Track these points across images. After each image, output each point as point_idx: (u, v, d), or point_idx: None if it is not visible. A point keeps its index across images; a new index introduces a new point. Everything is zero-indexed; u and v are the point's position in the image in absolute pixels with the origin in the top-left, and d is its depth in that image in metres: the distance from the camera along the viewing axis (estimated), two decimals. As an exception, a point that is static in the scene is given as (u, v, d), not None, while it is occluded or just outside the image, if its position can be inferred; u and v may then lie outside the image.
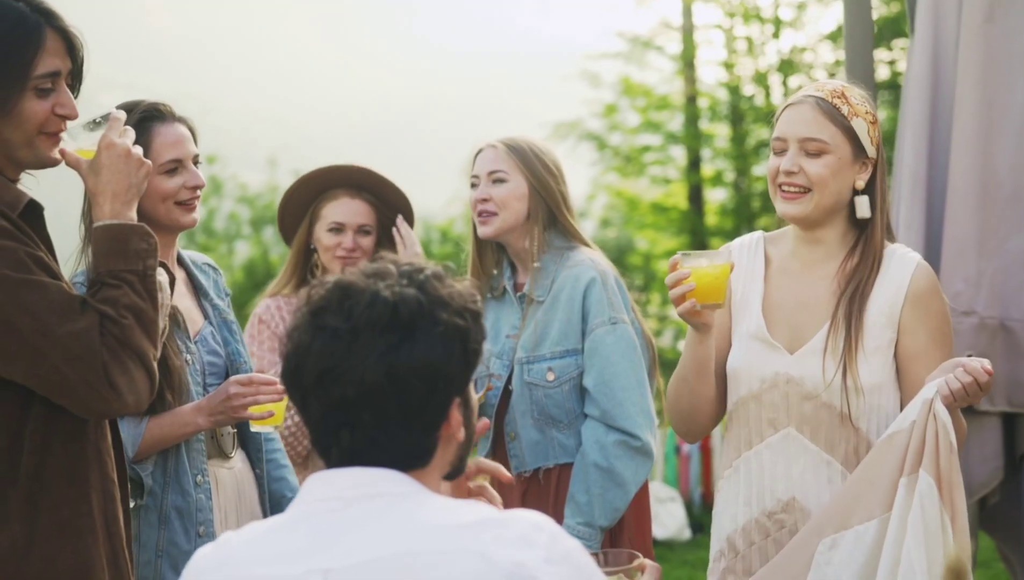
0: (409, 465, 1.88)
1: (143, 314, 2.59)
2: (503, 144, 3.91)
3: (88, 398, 2.50)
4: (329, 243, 4.25)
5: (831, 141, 3.08)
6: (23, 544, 2.52)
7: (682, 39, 16.12)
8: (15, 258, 2.46)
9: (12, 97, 2.54)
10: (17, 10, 2.56)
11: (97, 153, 2.67)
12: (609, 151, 16.45)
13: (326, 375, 1.84)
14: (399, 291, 1.87)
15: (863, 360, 3.09)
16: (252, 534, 1.90)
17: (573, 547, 1.83)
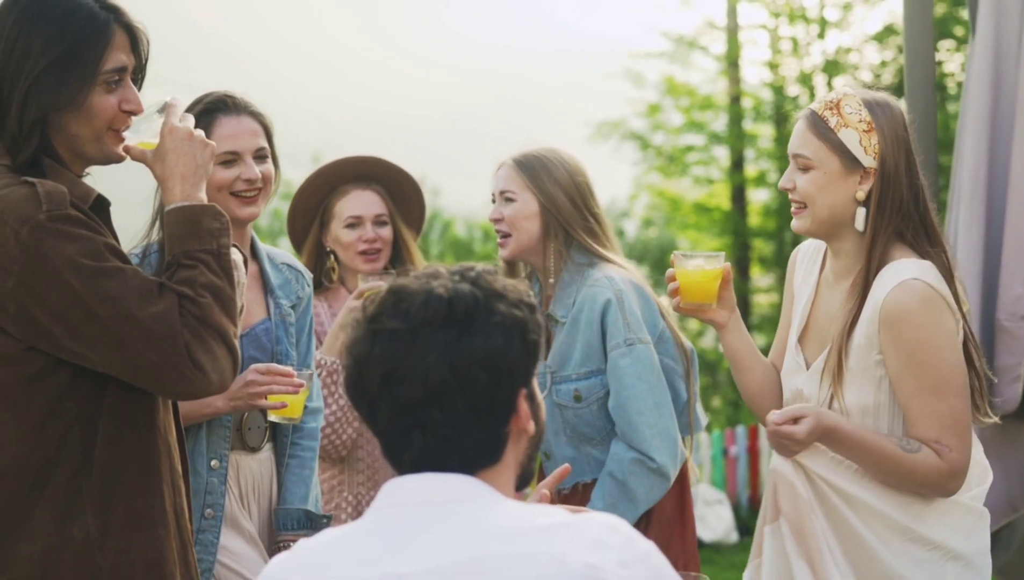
0: (483, 462, 1.88)
1: (221, 292, 2.61)
2: (513, 161, 3.91)
3: (173, 380, 2.53)
4: (349, 239, 4.23)
5: (814, 156, 3.07)
6: (97, 535, 2.55)
7: (726, 39, 16.04)
8: (92, 247, 2.49)
9: (83, 92, 2.59)
10: (87, 6, 2.61)
11: (160, 139, 2.70)
12: (652, 151, 16.39)
13: (389, 377, 1.84)
14: (453, 287, 1.88)
15: (851, 382, 3.07)
16: (328, 538, 1.91)
17: (648, 549, 1.82)
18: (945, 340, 3.01)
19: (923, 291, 3.00)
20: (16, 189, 2.52)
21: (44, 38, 2.58)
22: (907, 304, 2.99)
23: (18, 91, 2.57)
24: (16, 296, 2.46)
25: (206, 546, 3.38)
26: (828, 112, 3.07)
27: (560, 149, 4.00)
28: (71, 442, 2.55)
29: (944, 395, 3.00)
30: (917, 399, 3.00)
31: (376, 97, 68.38)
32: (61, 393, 2.54)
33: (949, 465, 3.01)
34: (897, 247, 3.10)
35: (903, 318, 2.99)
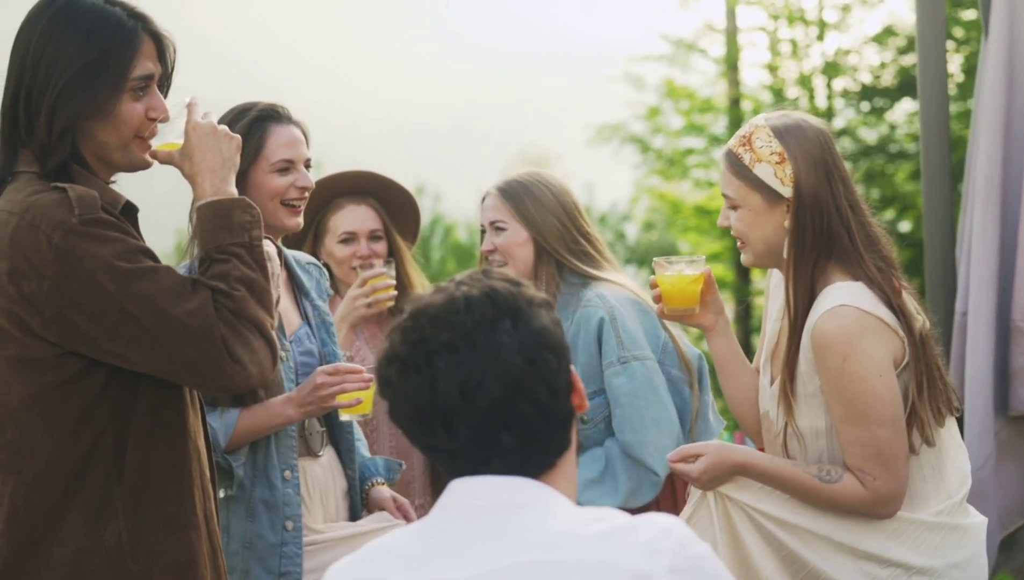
0: (562, 448, 1.88)
1: (255, 284, 2.63)
2: (498, 190, 3.95)
3: (213, 374, 2.55)
4: (343, 254, 4.25)
5: (736, 195, 3.10)
6: (129, 539, 2.57)
7: (726, 42, 16.04)
8: (125, 249, 2.52)
9: (111, 100, 2.63)
10: (115, 15, 2.65)
11: (185, 138, 2.73)
12: (652, 154, 16.39)
13: (467, 386, 1.83)
14: (482, 285, 1.89)
15: (803, 406, 3.10)
16: (391, 539, 1.92)
17: (701, 553, 1.81)
18: (870, 369, 2.99)
19: (851, 318, 3.00)
20: (47, 195, 2.55)
21: (73, 46, 2.61)
22: (831, 332, 3.00)
23: (47, 99, 2.60)
24: (51, 300, 2.49)
25: (291, 558, 3.39)
26: (741, 149, 3.08)
27: (543, 172, 4.03)
28: (103, 446, 2.58)
29: (867, 425, 2.99)
30: (843, 427, 3.03)
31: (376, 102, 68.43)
32: (94, 397, 2.57)
33: (873, 493, 3.02)
34: (833, 270, 3.11)
35: (827, 346, 3.00)
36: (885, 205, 14.76)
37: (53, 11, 2.67)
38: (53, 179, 2.62)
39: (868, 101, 14.86)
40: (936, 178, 4.56)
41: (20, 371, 2.56)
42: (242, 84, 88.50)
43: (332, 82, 72.49)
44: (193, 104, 2.80)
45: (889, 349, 3.02)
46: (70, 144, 2.65)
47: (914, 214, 14.26)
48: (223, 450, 3.30)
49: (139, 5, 2.78)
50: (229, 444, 3.32)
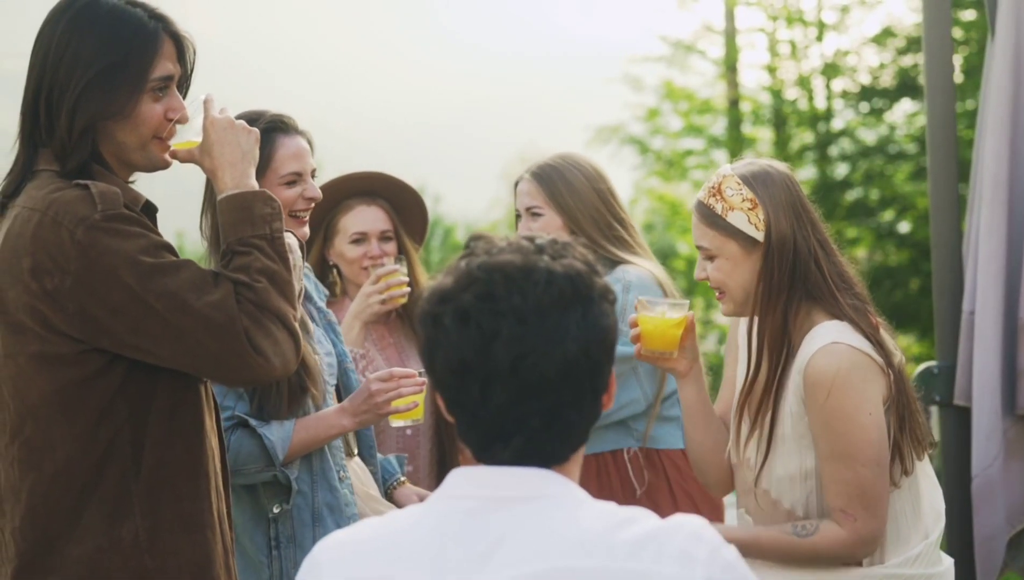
0: (579, 443, 1.86)
1: (276, 276, 2.62)
2: (532, 176, 3.97)
3: (236, 367, 2.55)
4: (354, 255, 4.25)
5: (711, 245, 3.08)
6: (146, 537, 2.57)
7: (724, 43, 16.06)
8: (147, 244, 2.52)
9: (131, 100, 2.63)
10: (136, 16, 2.65)
11: (204, 134, 2.73)
12: (651, 155, 16.41)
13: (521, 360, 1.77)
14: (567, 263, 1.84)
15: (790, 446, 3.07)
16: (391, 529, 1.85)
17: (732, 558, 1.78)
18: (861, 407, 2.98)
19: (844, 355, 2.99)
20: (69, 191, 2.55)
21: (94, 46, 2.61)
22: (824, 369, 2.98)
23: (68, 99, 2.60)
24: (74, 295, 2.49)
25: None
26: (712, 200, 3.08)
27: (576, 156, 4.05)
28: (121, 444, 2.58)
29: (852, 464, 2.98)
30: (828, 465, 3.00)
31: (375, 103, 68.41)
32: (112, 395, 2.57)
33: (854, 535, 3.00)
34: (814, 310, 3.10)
35: (821, 383, 2.98)
36: (884, 206, 14.78)
37: (74, 11, 2.67)
38: (73, 178, 2.62)
39: (867, 102, 14.88)
40: (942, 178, 4.55)
41: (41, 367, 2.56)
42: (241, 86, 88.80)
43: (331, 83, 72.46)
44: (209, 100, 2.80)
45: (878, 387, 3.02)
46: (90, 144, 2.66)
47: (913, 215, 14.28)
48: (280, 463, 3.30)
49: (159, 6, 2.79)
50: (287, 457, 3.31)
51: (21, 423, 2.58)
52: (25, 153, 2.69)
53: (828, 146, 15.32)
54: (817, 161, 15.40)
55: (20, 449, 2.58)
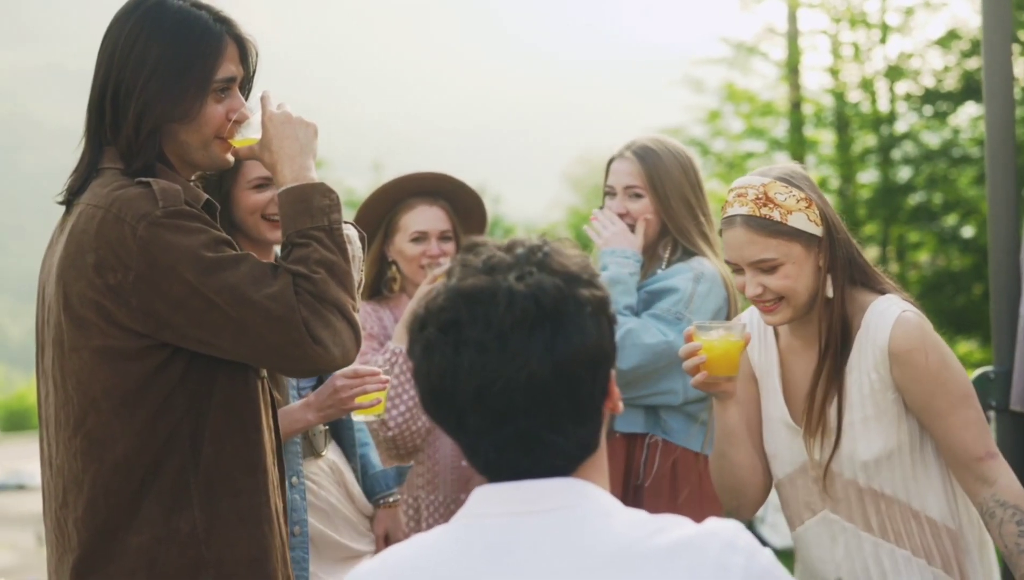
0: (584, 454, 1.78)
1: (335, 266, 2.66)
2: (636, 156, 4.00)
3: (296, 358, 2.59)
4: (413, 253, 4.29)
5: (777, 254, 3.04)
6: (203, 529, 2.62)
7: (787, 44, 15.98)
8: (208, 239, 2.57)
9: (197, 102, 2.68)
10: (202, 19, 2.70)
11: (263, 129, 2.78)
12: (712, 157, 16.35)
13: (484, 390, 1.71)
14: (533, 281, 1.73)
15: (862, 433, 3.07)
16: (421, 552, 1.81)
17: (768, 564, 1.74)
18: (949, 354, 3.05)
19: (916, 320, 3.04)
20: (132, 188, 2.61)
21: (160, 48, 2.66)
22: (914, 335, 3.01)
23: (134, 100, 2.65)
24: (137, 290, 2.54)
25: (298, 562, 3.44)
26: (766, 209, 3.04)
27: (674, 141, 4.07)
28: (180, 437, 2.63)
29: (971, 402, 3.02)
30: (953, 416, 3.01)
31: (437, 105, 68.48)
32: (172, 389, 2.62)
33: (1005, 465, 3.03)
34: (855, 291, 3.12)
35: (916, 348, 3.00)
36: (948, 210, 14.64)
37: (141, 12, 2.72)
38: (137, 177, 2.67)
39: (931, 105, 14.75)
40: (1001, 181, 4.52)
41: (104, 361, 2.61)
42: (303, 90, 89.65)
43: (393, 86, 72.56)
44: (266, 97, 2.84)
45: None
46: (156, 146, 2.71)
47: (977, 219, 14.12)
48: None
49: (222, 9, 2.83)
50: None
51: (84, 415, 2.63)
52: (90, 151, 2.74)
53: (891, 149, 15.20)
54: (880, 164, 15.29)
55: (82, 441, 2.63)
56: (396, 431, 4.14)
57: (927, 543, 3.08)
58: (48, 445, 2.73)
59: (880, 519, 3.09)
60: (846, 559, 3.13)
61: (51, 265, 2.70)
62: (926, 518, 3.08)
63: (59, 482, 2.67)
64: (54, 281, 2.65)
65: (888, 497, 3.08)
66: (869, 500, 3.10)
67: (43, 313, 2.74)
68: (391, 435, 4.13)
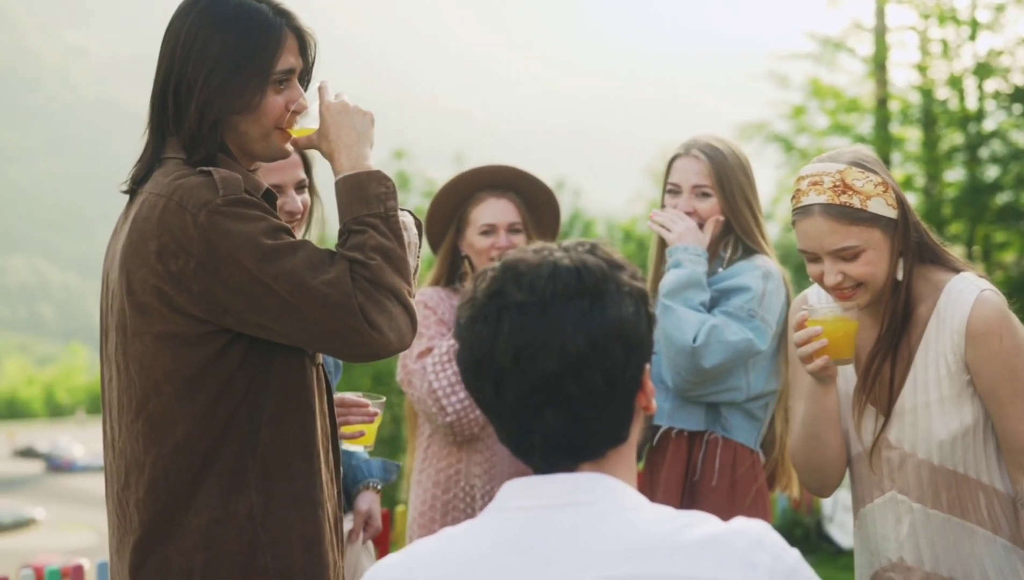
0: (613, 441, 1.81)
1: (391, 253, 2.69)
2: (704, 155, 3.99)
3: (354, 342, 2.62)
4: (483, 245, 4.31)
5: (859, 241, 3.00)
6: (260, 512, 2.67)
7: (874, 41, 15.82)
8: (267, 226, 2.61)
9: (257, 93, 2.72)
10: (262, 12, 2.74)
11: (320, 119, 2.82)
12: (796, 153, 16.24)
13: (522, 353, 1.76)
14: (577, 257, 1.81)
15: (938, 413, 3.04)
16: (450, 544, 1.82)
17: (794, 562, 1.74)
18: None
19: (996, 300, 2.99)
20: (193, 177, 2.65)
21: (221, 42, 2.70)
22: (992, 317, 2.97)
23: (196, 92, 2.70)
24: (198, 276, 2.58)
25: None
26: (845, 197, 2.99)
27: (730, 140, 4.07)
28: (238, 421, 2.67)
29: None
30: (1012, 406, 2.98)
31: (519, 98, 68.51)
32: (231, 374, 2.66)
33: None
34: (926, 270, 3.08)
35: (992, 330, 2.97)
36: (1036, 210, 14.43)
37: (203, 5, 2.75)
38: (198, 166, 2.71)
39: (1020, 103, 14.53)
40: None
41: (165, 346, 2.66)
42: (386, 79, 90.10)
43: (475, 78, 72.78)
44: (323, 87, 2.87)
45: None
46: (218, 137, 2.74)
47: (1066, 220, 13.92)
48: None
49: (284, 2, 2.86)
50: None
51: (145, 399, 2.68)
52: (154, 142, 2.79)
53: (978, 148, 15.00)
54: (967, 163, 15.09)
55: (144, 424, 2.68)
56: (454, 418, 4.16)
57: (995, 515, 3.06)
58: (111, 428, 2.78)
59: (951, 496, 3.06)
60: (909, 537, 3.12)
61: (115, 252, 2.75)
62: (994, 490, 3.06)
63: (121, 464, 2.73)
64: (117, 268, 2.70)
65: (961, 475, 3.05)
66: (942, 479, 3.07)
67: (107, 299, 2.79)
68: (449, 421, 4.16)
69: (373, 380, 17.17)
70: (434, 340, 4.25)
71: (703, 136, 4.07)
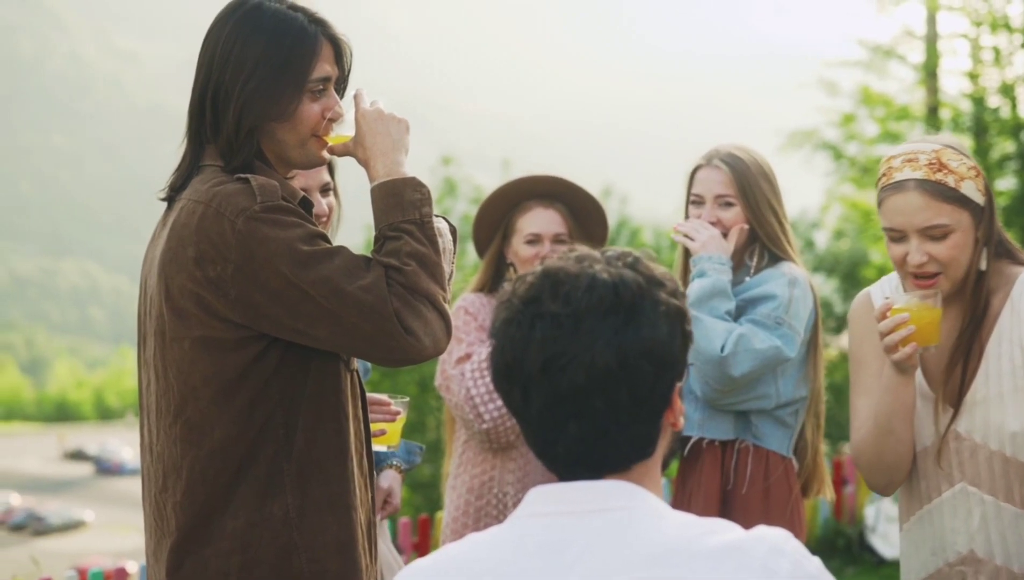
0: (637, 456, 1.82)
1: (426, 258, 2.72)
2: (725, 164, 3.99)
3: (389, 347, 2.65)
4: (527, 255, 4.33)
5: (950, 221, 2.97)
6: (295, 515, 2.70)
7: (925, 48, 15.72)
8: (303, 233, 2.64)
9: (293, 101, 2.75)
10: (298, 21, 2.78)
11: (356, 126, 2.85)
12: (845, 161, 16.15)
13: (551, 363, 1.77)
14: (616, 272, 1.82)
15: (1012, 404, 3.00)
16: (475, 549, 1.84)
17: (814, 571, 1.75)
18: None
19: None
20: (231, 184, 2.69)
21: (258, 50, 2.74)
22: None
23: (234, 100, 2.74)
24: (236, 282, 2.62)
25: None
26: (940, 175, 2.98)
27: (751, 149, 4.08)
28: (274, 426, 2.70)
29: None
30: None
31: (567, 105, 68.56)
32: (267, 379, 2.69)
33: None
34: (1001, 263, 3.07)
35: None
36: (1088, 220, 14.29)
37: (240, 16, 2.80)
38: (236, 173, 2.75)
39: (1074, 111, 14.42)
40: None
41: (203, 352, 2.70)
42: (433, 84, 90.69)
43: (523, 84, 72.91)
44: (359, 94, 2.91)
45: None
46: (255, 143, 2.79)
47: (1119, 230, 13.78)
48: None
49: (322, 9, 2.90)
50: None
51: (183, 403, 2.72)
52: (192, 150, 2.83)
53: (1030, 156, 14.86)
54: (1018, 171, 14.96)
55: (181, 428, 2.72)
56: (490, 425, 4.18)
57: None
58: (148, 432, 2.82)
59: (1021, 490, 3.03)
60: (980, 530, 3.08)
61: (153, 258, 2.79)
62: None
63: (159, 468, 2.76)
64: (156, 274, 2.73)
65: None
66: (1014, 472, 3.04)
67: (145, 305, 2.83)
68: (485, 428, 4.18)
69: (419, 386, 17.24)
70: (473, 346, 4.27)
71: (724, 145, 4.08)
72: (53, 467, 76.95)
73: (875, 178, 3.10)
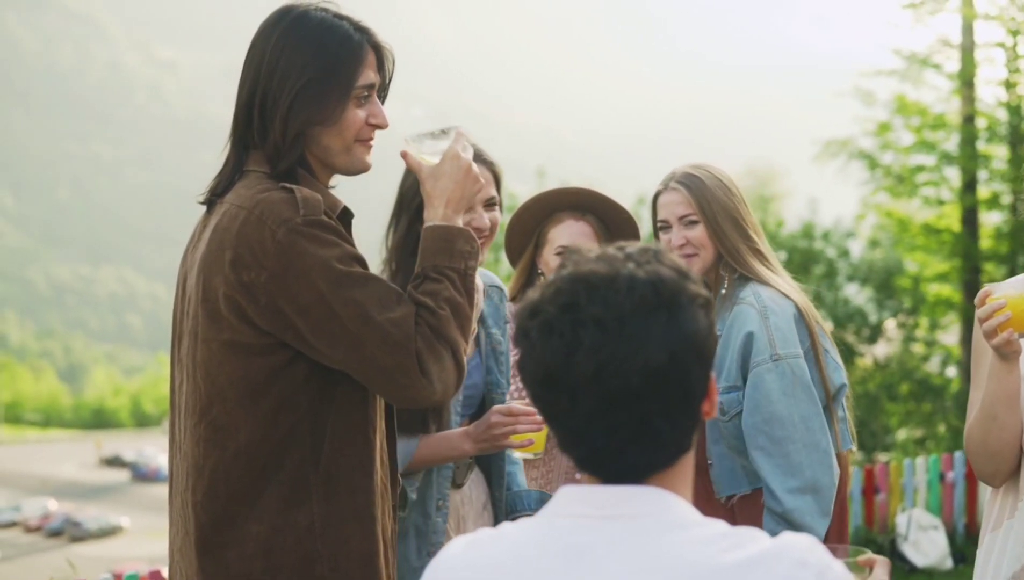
0: (680, 450, 1.81)
1: (460, 308, 2.76)
2: (681, 185, 3.99)
3: (402, 385, 2.68)
4: (557, 266, 4.33)
5: None
6: (320, 524, 2.73)
7: (961, 57, 15.65)
8: (341, 253, 2.68)
9: (338, 107, 2.80)
10: (343, 28, 2.83)
11: (441, 161, 2.88)
12: (880, 170, 16.09)
13: (603, 369, 1.73)
14: (652, 269, 1.79)
15: None
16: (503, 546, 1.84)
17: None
18: None
19: None
20: (276, 193, 2.72)
21: (305, 57, 2.78)
22: None
23: (281, 106, 2.78)
24: (268, 289, 2.65)
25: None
26: None
27: (712, 166, 4.09)
28: (300, 433, 2.72)
29: None
30: None
31: (603, 114, 68.34)
32: (295, 387, 2.72)
33: None
34: None
35: None
36: None
37: (286, 24, 2.83)
38: (280, 180, 2.79)
39: (1111, 121, 14.32)
40: None
41: (230, 354, 2.73)
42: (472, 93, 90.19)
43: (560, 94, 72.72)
44: (461, 134, 2.94)
45: None
46: (301, 148, 2.82)
47: None
48: (399, 474, 3.39)
49: (364, 18, 2.96)
50: (405, 469, 3.46)
51: (209, 404, 2.75)
52: (236, 154, 2.87)
53: (1067, 166, 14.78)
54: (1055, 181, 14.87)
55: (206, 429, 2.75)
56: None
57: None
58: (178, 431, 2.86)
59: None
60: None
61: (193, 260, 2.82)
62: None
63: (184, 466, 2.80)
64: (195, 274, 2.77)
65: None
66: None
67: (182, 304, 2.87)
68: None
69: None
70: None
71: (680, 168, 4.06)
72: (90, 473, 77.38)
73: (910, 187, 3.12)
